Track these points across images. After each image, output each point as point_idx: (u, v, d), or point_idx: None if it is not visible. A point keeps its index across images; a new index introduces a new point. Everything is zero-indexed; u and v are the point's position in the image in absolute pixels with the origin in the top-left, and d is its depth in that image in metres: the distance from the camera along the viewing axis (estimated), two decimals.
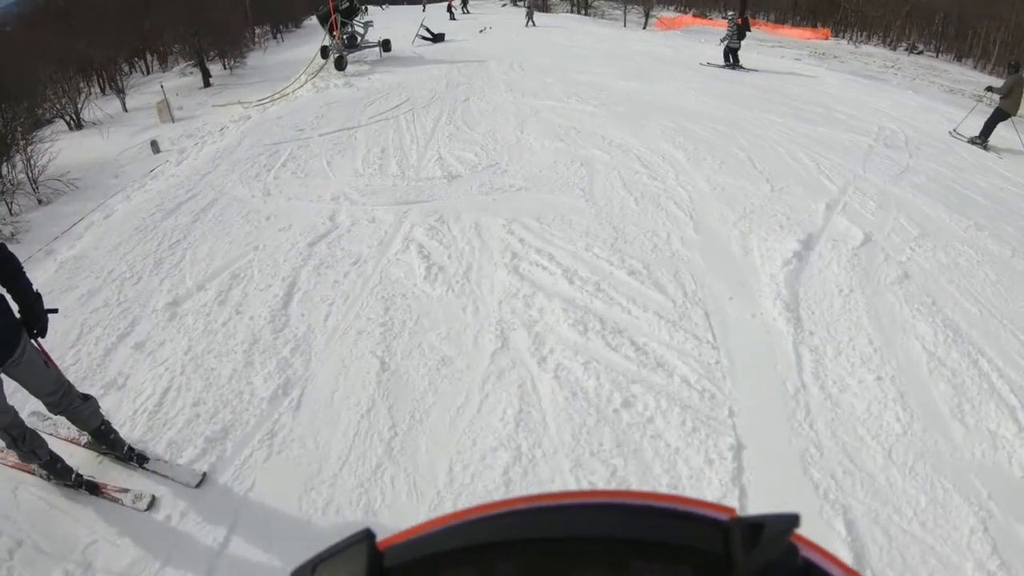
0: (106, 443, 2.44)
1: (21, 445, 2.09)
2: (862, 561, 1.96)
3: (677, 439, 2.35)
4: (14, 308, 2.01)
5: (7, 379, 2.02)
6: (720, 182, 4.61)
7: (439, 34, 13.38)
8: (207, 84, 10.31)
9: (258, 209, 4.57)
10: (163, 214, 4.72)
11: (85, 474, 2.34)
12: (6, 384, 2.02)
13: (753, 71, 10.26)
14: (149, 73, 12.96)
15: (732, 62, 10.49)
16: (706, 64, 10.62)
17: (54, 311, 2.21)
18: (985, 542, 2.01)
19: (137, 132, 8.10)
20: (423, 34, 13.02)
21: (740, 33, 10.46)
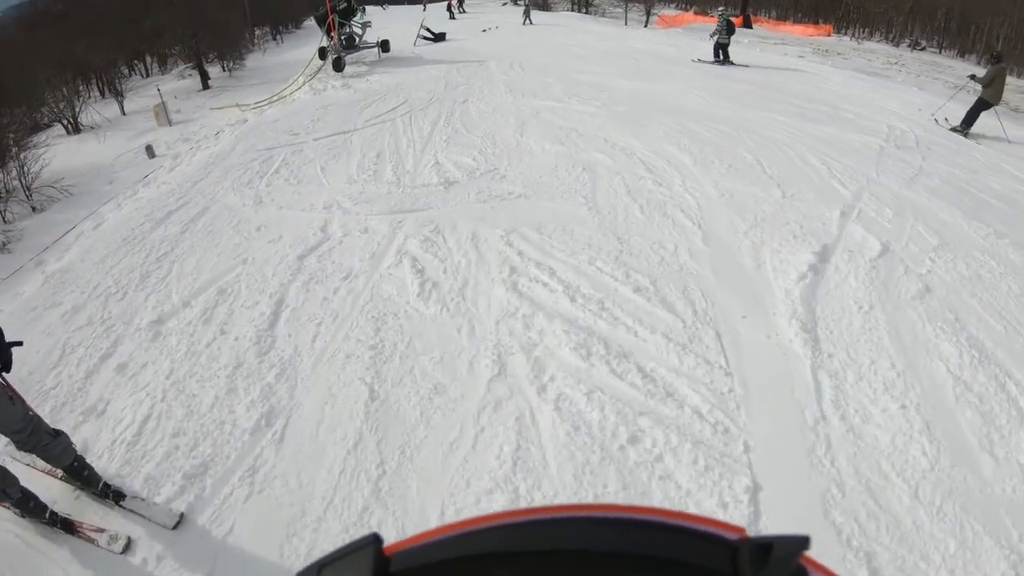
0: (80, 480, 2.31)
1: None
2: None
3: (688, 480, 2.12)
4: None
5: None
6: (729, 187, 4.33)
7: (440, 33, 13.09)
8: (205, 86, 10.05)
9: (249, 219, 4.33)
10: (152, 224, 4.50)
11: (61, 511, 2.21)
12: None
13: (744, 67, 9.93)
14: (148, 76, 12.70)
15: (723, 58, 10.16)
16: (697, 61, 10.29)
17: (18, 344, 2.09)
18: None
19: (134, 136, 7.88)
20: (424, 34, 12.71)
21: (729, 28, 10.11)
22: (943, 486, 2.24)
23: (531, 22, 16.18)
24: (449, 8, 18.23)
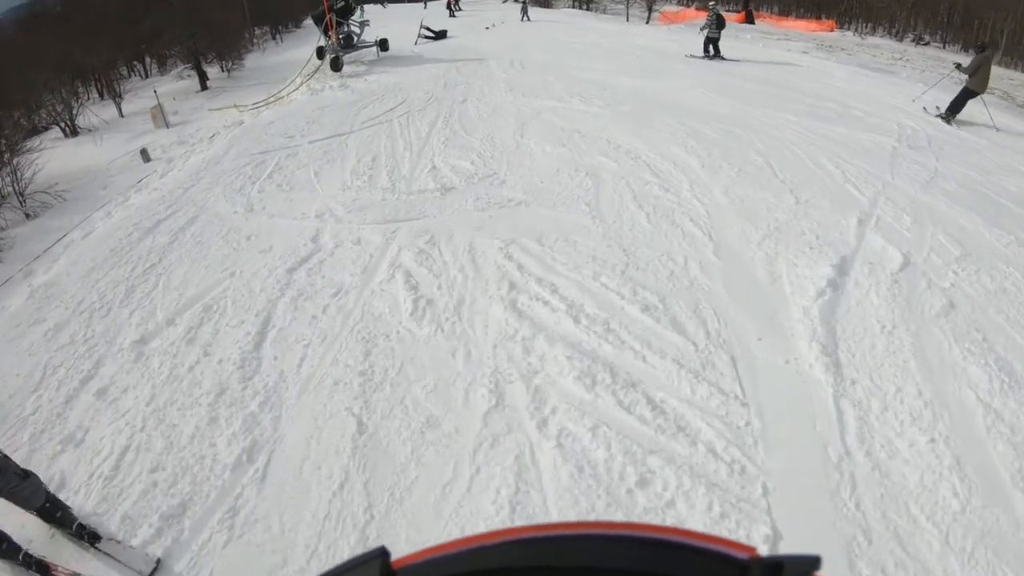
0: (53, 521, 2.16)
1: None
2: None
3: (703, 528, 1.88)
4: None
5: None
6: (739, 193, 4.03)
7: (441, 31, 12.73)
8: (204, 87, 9.75)
9: (239, 227, 4.09)
10: (141, 234, 4.26)
11: (36, 551, 2.08)
12: None
13: (735, 61, 9.58)
14: (148, 77, 12.39)
15: (713, 53, 9.79)
16: (689, 56, 9.94)
17: None
18: None
19: (131, 139, 7.62)
20: (425, 33, 12.33)
21: (719, 23, 9.74)
22: (975, 529, 2.02)
23: (529, 19, 15.84)
24: (449, 6, 17.81)
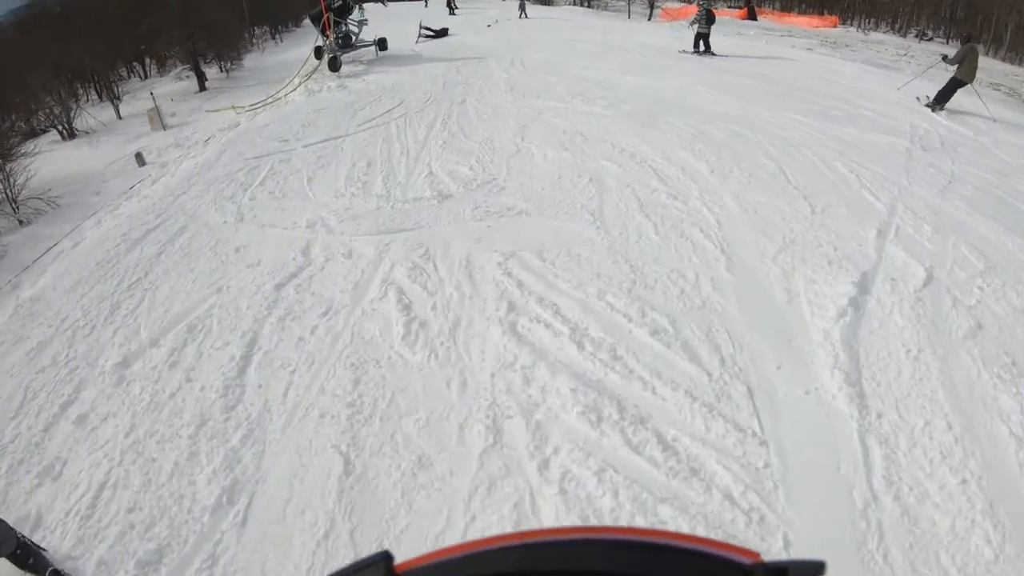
0: (26, 567, 1.97)
1: None
2: None
3: None
4: None
5: None
6: (752, 201, 3.77)
7: (442, 29, 12.40)
8: (202, 88, 9.48)
9: (228, 239, 3.86)
10: (128, 245, 4.04)
11: None
12: None
13: (724, 56, 9.28)
14: (147, 77, 12.11)
15: (703, 48, 9.46)
16: (681, 52, 9.62)
17: None
18: None
19: (128, 141, 7.38)
20: (425, 32, 11.99)
21: (709, 18, 9.40)
22: None
23: (526, 16, 15.47)
24: (449, 4, 17.42)
